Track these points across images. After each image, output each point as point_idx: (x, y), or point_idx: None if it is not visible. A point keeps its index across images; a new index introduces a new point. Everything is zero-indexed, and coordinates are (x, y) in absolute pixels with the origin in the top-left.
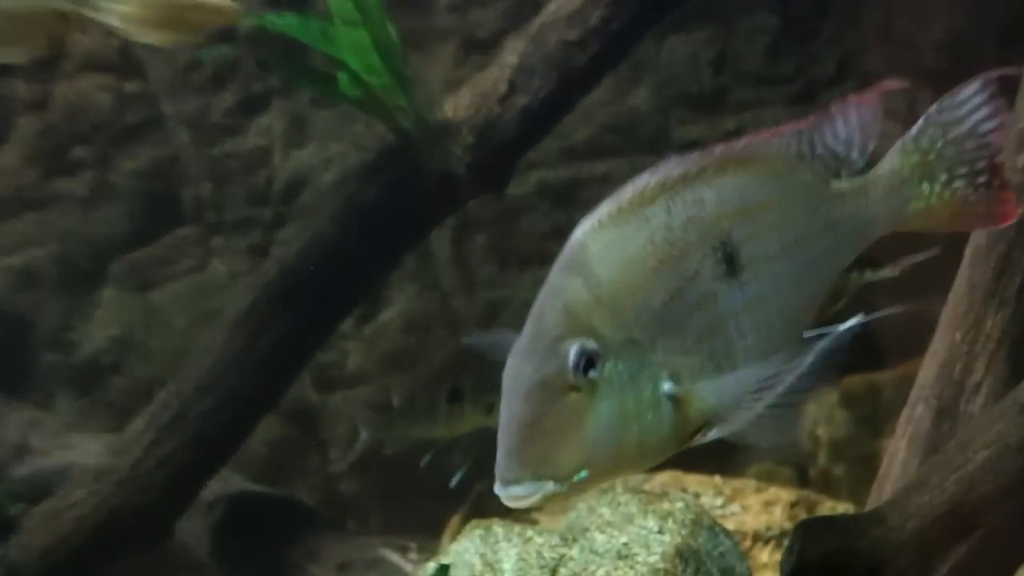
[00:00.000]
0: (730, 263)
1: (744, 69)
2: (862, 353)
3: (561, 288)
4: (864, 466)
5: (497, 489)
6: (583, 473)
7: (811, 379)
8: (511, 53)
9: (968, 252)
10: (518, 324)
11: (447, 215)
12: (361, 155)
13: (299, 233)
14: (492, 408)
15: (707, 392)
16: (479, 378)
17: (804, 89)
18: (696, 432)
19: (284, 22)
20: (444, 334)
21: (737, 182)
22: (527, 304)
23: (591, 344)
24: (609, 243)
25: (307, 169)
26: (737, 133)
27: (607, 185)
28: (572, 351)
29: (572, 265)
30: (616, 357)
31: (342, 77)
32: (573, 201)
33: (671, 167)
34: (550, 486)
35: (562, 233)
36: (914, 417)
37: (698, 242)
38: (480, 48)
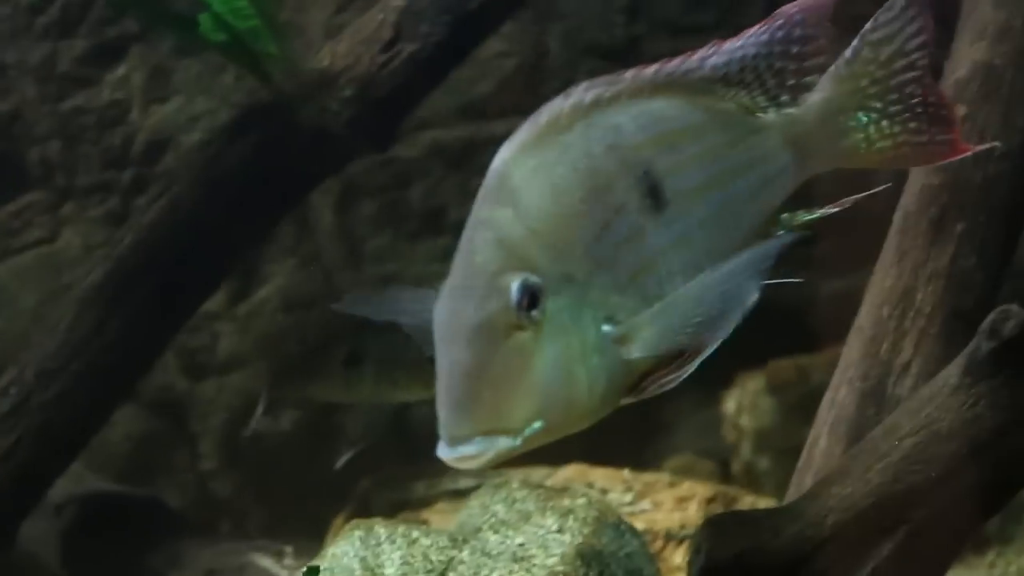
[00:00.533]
0: (655, 196)
1: (660, 17)
2: (790, 335)
3: (490, 220)
4: (792, 458)
5: (442, 452)
6: (536, 424)
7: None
8: None
9: (897, 218)
10: None
11: (325, 178)
12: (231, 111)
13: (157, 199)
14: (398, 381)
15: (645, 332)
16: (380, 346)
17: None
18: (642, 380)
19: None
20: (327, 314)
21: (654, 109)
22: (420, 279)
23: (533, 278)
24: (534, 171)
25: (170, 127)
26: None
27: None
28: (514, 287)
29: (498, 195)
30: (556, 294)
31: (204, 19)
32: (470, 164)
33: (583, 92)
34: (503, 441)
35: (459, 200)
36: (837, 401)
37: (620, 171)
38: None
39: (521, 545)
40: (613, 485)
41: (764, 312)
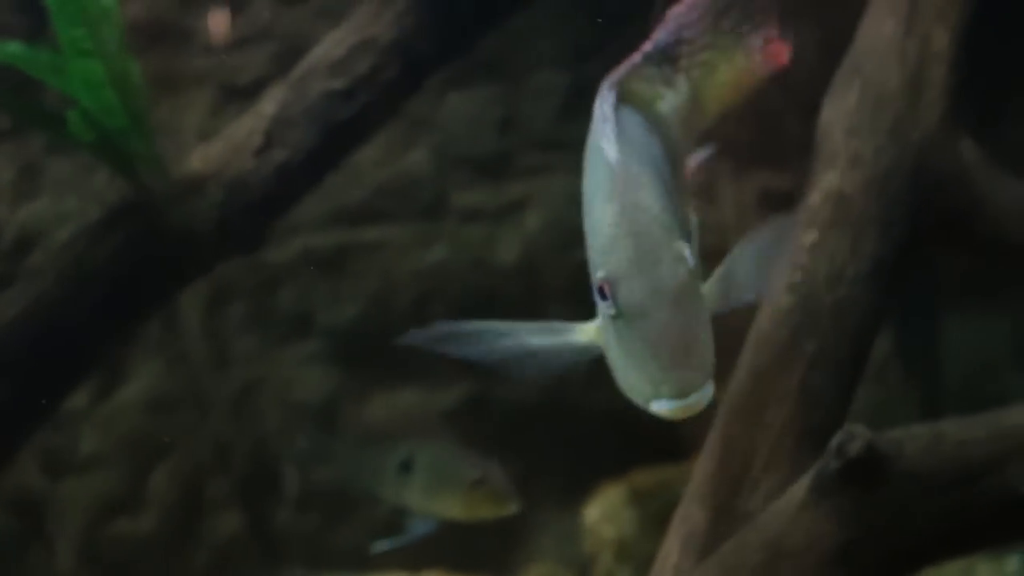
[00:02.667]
0: None
1: (531, 131)
2: (654, 446)
3: (637, 205)
4: None
5: (667, 405)
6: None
7: None
8: (269, 102)
9: (750, 337)
10: (276, 405)
11: (192, 280)
12: (101, 210)
13: (19, 295)
14: (446, 498)
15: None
16: (433, 458)
17: None
18: None
19: (8, 51)
20: (192, 416)
21: None
22: (288, 383)
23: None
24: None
25: (39, 224)
26: (523, 201)
27: (379, 252)
28: (687, 252)
29: (626, 184)
30: None
31: (72, 116)
32: (341, 269)
33: None
34: (711, 386)
35: (329, 304)
36: (688, 516)
37: None
38: (241, 95)
39: None
40: None
41: (628, 421)
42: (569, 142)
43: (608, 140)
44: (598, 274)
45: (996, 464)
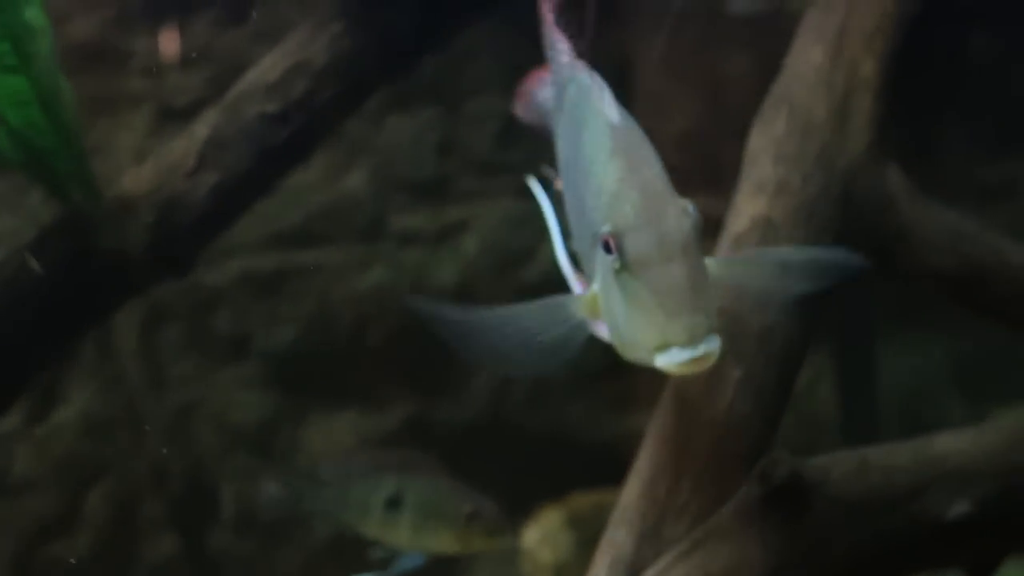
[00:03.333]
0: None
1: (470, 155)
2: (593, 469)
3: (640, 167)
4: None
5: (679, 355)
6: None
7: None
8: (203, 124)
9: None
10: (212, 428)
11: (124, 302)
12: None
13: None
14: (437, 533)
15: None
16: (422, 493)
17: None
18: None
19: None
20: (128, 438)
21: None
22: (224, 406)
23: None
24: None
25: None
26: (461, 225)
27: (317, 275)
28: (691, 207)
29: (627, 152)
30: None
31: (0, 136)
32: (278, 291)
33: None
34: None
35: (265, 327)
36: (615, 541)
37: None
38: (178, 116)
39: None
40: None
41: (567, 445)
42: (508, 166)
43: (608, 103)
44: (604, 228)
45: (920, 491)
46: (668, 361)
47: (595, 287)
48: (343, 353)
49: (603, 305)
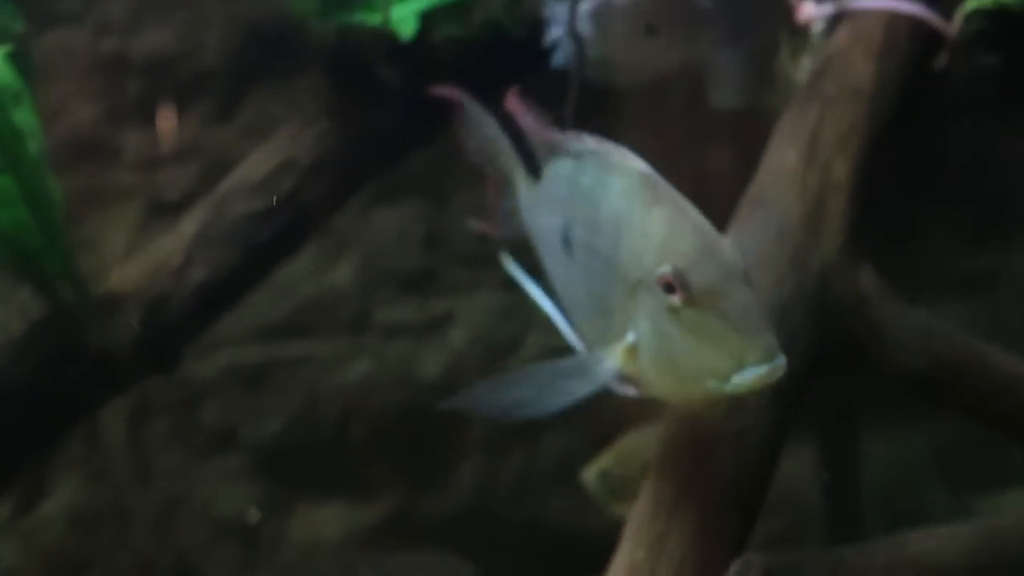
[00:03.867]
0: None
1: (456, 248)
2: (575, 560)
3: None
4: None
5: (759, 371)
6: None
7: None
8: (190, 221)
9: (654, 465)
10: (199, 521)
11: (110, 399)
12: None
13: None
14: None
15: None
16: None
17: None
18: None
19: None
20: (114, 531)
21: None
22: (211, 498)
23: None
24: None
25: None
26: (447, 316)
27: (303, 367)
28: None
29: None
30: None
31: None
32: (265, 384)
33: None
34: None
35: (252, 420)
36: None
37: None
38: (167, 211)
39: None
40: None
41: (551, 537)
42: (493, 258)
43: (632, 158)
44: (661, 270)
45: None
46: (746, 379)
47: (629, 339)
48: (329, 445)
49: (648, 352)
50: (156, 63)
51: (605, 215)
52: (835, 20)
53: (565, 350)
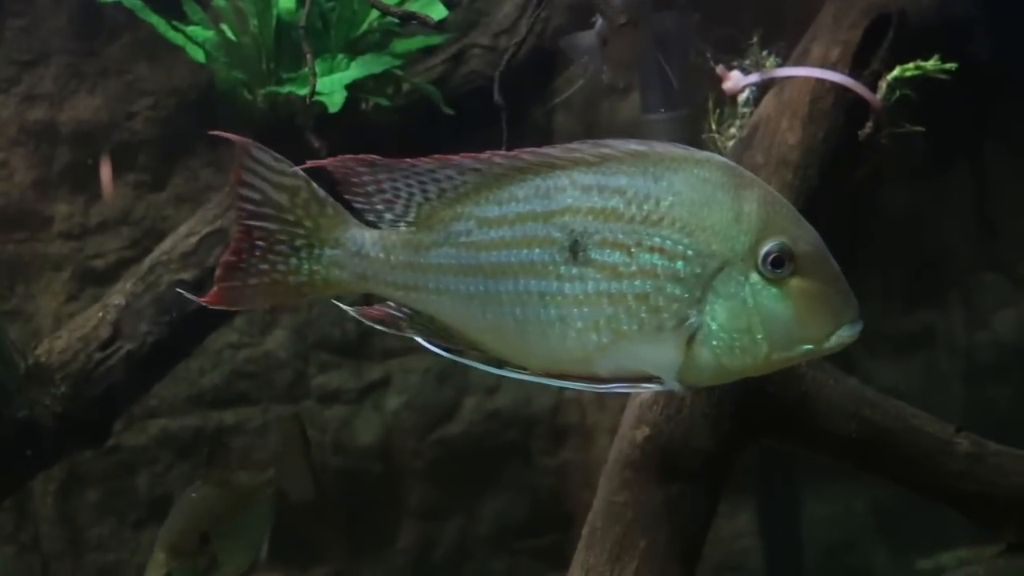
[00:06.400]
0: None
1: None
2: None
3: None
4: None
5: (855, 327)
6: None
7: None
8: (118, 294)
9: (584, 533)
10: None
11: (39, 471)
12: None
13: None
14: None
15: None
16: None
17: None
18: None
19: None
20: None
21: None
22: (144, 567)
23: None
24: None
25: None
26: (383, 382)
27: (238, 435)
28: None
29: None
30: None
31: None
32: (199, 452)
33: None
34: None
35: (187, 487)
36: None
37: None
38: (98, 280)
39: None
40: None
41: None
42: None
43: (692, 150)
44: (768, 246)
45: None
46: (850, 334)
47: (694, 327)
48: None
49: (728, 333)
50: (85, 132)
51: (664, 208)
52: (762, 89)
53: (504, 412)
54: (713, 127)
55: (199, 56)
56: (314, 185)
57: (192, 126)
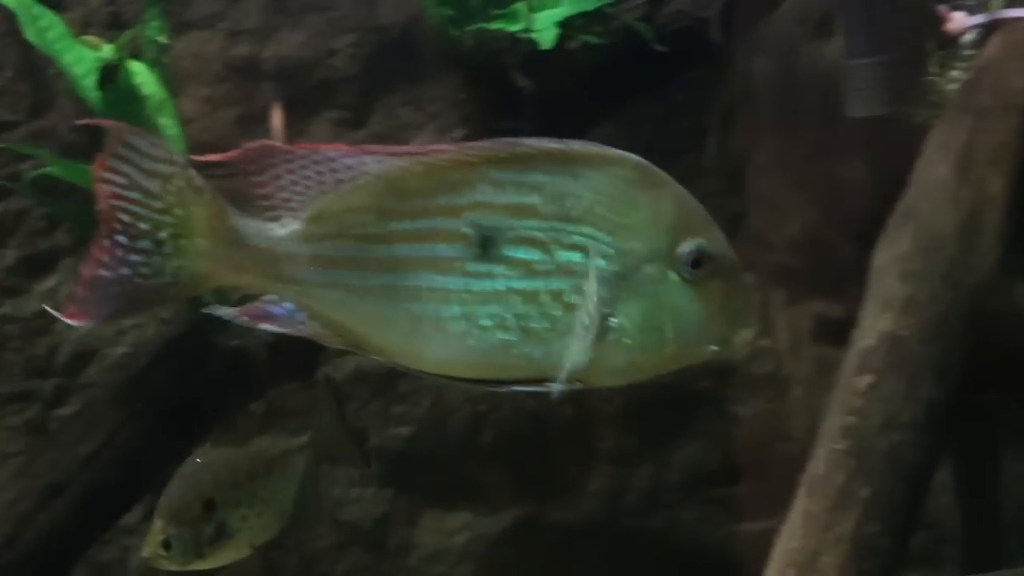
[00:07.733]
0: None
1: None
2: (709, 573)
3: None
4: None
5: (752, 330)
6: None
7: None
8: None
9: (803, 480)
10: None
11: (246, 404)
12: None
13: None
14: None
15: None
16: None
17: None
18: None
19: (72, 169)
20: None
21: None
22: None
23: None
24: None
25: (95, 340)
26: None
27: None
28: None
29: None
30: None
31: None
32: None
33: None
34: None
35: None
36: None
37: None
38: None
39: None
40: None
41: (681, 550)
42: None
43: (608, 148)
44: (686, 246)
45: None
46: (750, 335)
47: (608, 325)
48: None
49: (639, 331)
50: (288, 69)
51: (585, 206)
52: (987, 30)
53: None
54: (935, 70)
55: None
56: (193, 172)
57: (393, 64)
